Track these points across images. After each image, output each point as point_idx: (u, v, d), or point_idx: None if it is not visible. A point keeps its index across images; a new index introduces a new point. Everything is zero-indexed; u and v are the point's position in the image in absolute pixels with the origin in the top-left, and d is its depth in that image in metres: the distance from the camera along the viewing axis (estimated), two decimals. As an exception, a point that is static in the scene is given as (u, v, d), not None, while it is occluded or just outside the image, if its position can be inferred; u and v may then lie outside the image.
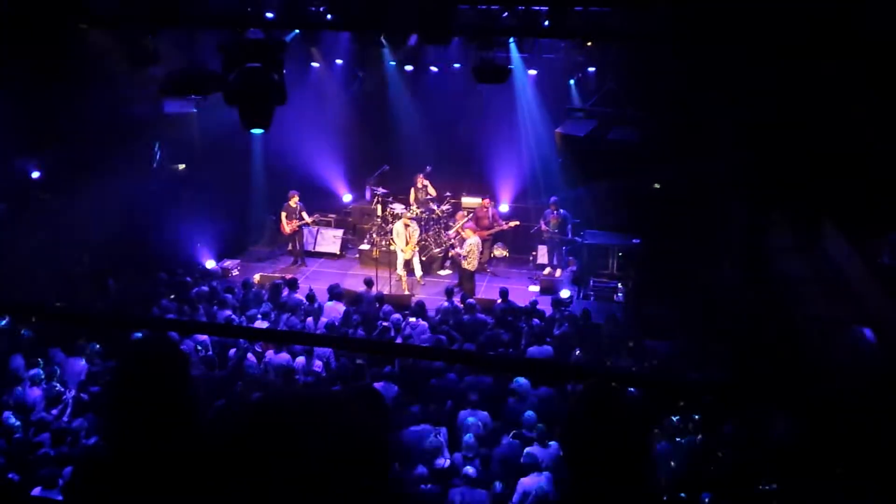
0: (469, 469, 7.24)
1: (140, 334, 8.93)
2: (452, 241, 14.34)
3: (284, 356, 9.66)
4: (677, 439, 7.53)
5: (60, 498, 6.59)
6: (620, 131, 13.04)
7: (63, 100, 11.97)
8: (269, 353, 9.75)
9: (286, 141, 14.82)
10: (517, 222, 15.19)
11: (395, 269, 14.13)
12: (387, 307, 11.30)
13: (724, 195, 11.76)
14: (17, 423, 7.72)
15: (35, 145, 12.61)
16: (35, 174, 13.05)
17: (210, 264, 14.43)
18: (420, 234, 14.80)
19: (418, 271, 14.20)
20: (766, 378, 8.10)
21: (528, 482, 6.99)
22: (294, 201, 15.26)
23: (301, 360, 9.63)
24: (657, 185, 14.84)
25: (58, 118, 12.53)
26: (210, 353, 9.70)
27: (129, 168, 12.67)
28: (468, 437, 7.76)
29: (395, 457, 6.57)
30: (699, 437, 7.47)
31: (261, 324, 10.68)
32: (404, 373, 9.29)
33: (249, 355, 9.58)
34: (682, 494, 6.29)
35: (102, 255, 12.43)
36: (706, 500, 6.32)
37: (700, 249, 12.14)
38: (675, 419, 7.83)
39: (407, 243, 13.96)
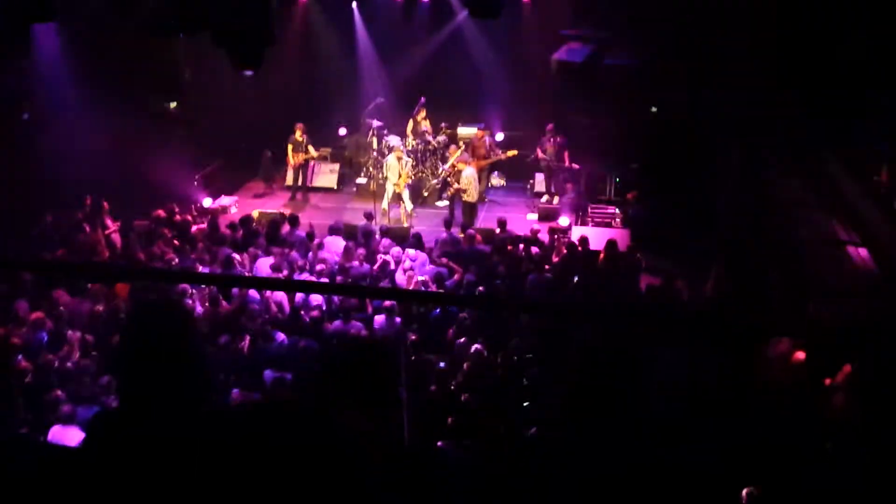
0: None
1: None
2: (449, 177, 14.27)
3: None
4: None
5: (77, 432, 6.78)
6: (618, 56, 12.82)
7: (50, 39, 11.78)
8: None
9: (277, 74, 14.59)
10: (515, 152, 15.08)
11: (381, 202, 14.05)
12: (386, 240, 11.35)
13: (723, 118, 11.67)
14: (28, 365, 7.84)
15: (24, 87, 12.47)
16: (25, 115, 12.93)
17: (207, 202, 14.40)
18: (416, 167, 14.75)
19: (409, 204, 14.12)
20: (763, 301, 8.20)
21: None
22: (300, 133, 15.12)
23: (301, 294, 9.72)
24: (654, 109, 14.72)
25: (45, 58, 12.37)
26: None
27: (118, 107, 12.53)
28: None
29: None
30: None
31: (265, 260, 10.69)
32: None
33: (252, 290, 9.66)
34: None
35: (100, 196, 12.40)
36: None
37: (698, 172, 12.13)
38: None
39: (399, 176, 13.86)
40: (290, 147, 15.20)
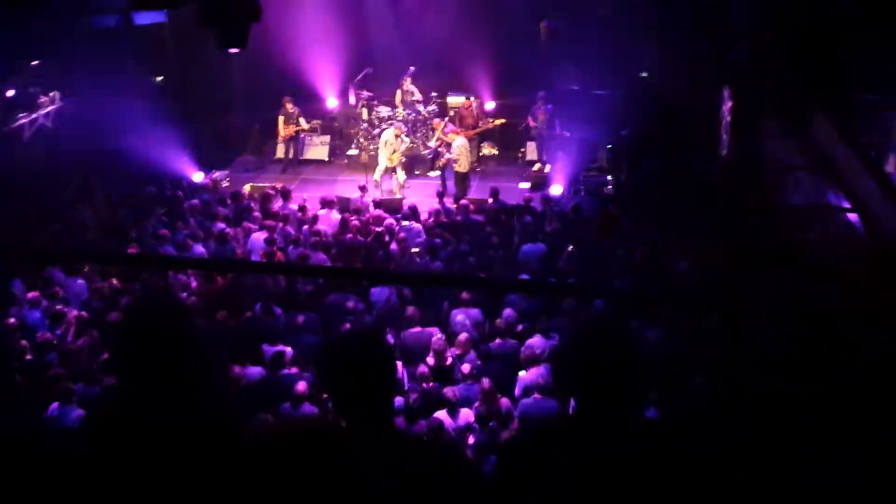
0: (465, 366, 7.52)
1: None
2: (440, 148, 14.23)
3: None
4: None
5: (78, 410, 6.84)
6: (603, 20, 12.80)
7: (32, 14, 11.58)
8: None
9: (265, 47, 14.44)
10: (503, 120, 15.06)
11: (373, 173, 14.02)
12: (379, 212, 11.36)
13: (712, 84, 11.66)
14: (26, 344, 7.86)
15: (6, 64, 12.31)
16: (10, 92, 12.78)
17: (198, 177, 14.31)
18: (409, 136, 14.71)
19: (402, 175, 14.08)
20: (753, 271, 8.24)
21: (529, 376, 7.24)
22: (290, 105, 15.09)
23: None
24: (645, 75, 14.69)
25: (28, 34, 12.19)
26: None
27: (104, 82, 12.40)
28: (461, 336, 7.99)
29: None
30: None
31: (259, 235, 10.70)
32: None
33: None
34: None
35: (89, 173, 12.36)
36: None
37: (688, 138, 12.15)
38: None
39: (394, 151, 13.78)
40: (281, 119, 15.14)
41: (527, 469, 2.14)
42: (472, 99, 15.22)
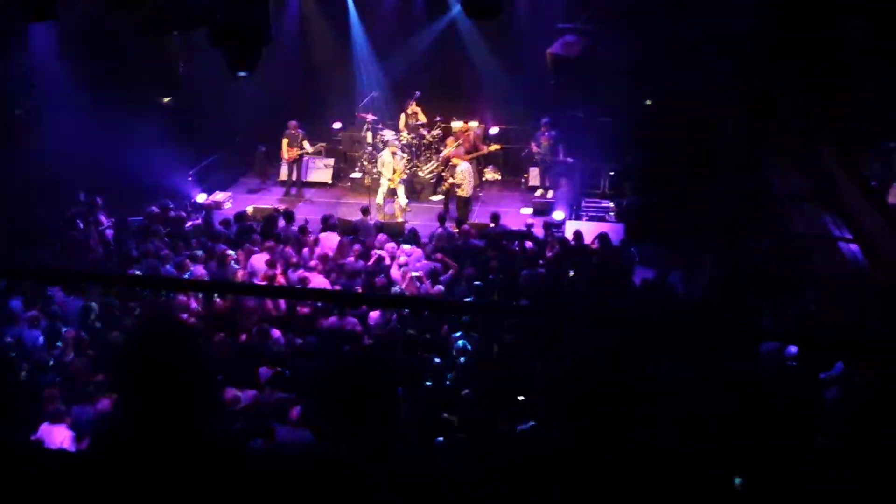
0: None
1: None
2: (444, 171, 14.28)
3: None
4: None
5: (67, 431, 6.77)
6: (612, 48, 12.82)
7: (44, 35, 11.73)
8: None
9: (271, 68, 14.54)
10: (498, 146, 15.11)
11: (376, 197, 14.05)
12: (381, 235, 11.35)
13: (717, 110, 11.70)
14: (23, 364, 7.82)
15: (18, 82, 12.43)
16: (17, 111, 12.88)
17: (201, 198, 14.34)
18: (411, 161, 14.75)
19: (403, 199, 14.12)
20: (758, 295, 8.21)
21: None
22: (294, 128, 15.19)
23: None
24: (648, 102, 14.73)
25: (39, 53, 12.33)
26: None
27: (112, 102, 12.48)
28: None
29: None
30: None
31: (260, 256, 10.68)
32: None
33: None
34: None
35: (94, 192, 12.39)
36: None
37: (692, 165, 12.16)
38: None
39: (394, 172, 13.85)
40: (285, 141, 15.20)
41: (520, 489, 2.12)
42: (469, 123, 15.28)
